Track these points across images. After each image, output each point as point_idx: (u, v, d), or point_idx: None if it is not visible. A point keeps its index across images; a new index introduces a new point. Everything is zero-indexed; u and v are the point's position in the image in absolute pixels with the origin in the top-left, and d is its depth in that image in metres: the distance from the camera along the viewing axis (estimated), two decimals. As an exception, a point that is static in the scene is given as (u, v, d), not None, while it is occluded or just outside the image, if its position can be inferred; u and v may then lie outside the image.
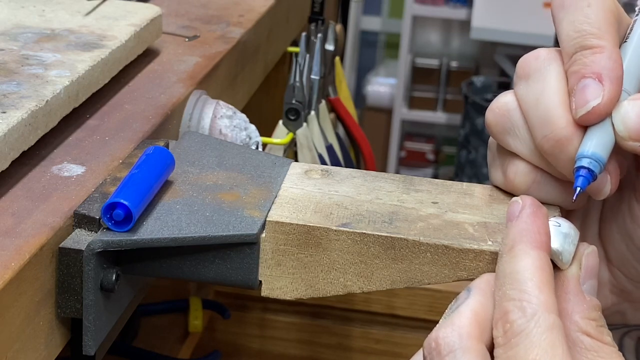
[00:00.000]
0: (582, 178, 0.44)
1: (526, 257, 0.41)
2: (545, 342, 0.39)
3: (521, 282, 0.41)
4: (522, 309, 0.40)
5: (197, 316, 1.03)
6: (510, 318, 0.40)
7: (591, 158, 0.44)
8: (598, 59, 0.44)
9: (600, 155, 0.44)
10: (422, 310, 0.99)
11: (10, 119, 0.50)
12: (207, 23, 0.81)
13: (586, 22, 0.45)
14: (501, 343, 0.40)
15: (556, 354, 0.39)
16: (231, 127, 0.65)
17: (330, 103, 1.06)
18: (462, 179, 2.70)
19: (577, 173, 0.44)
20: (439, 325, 0.41)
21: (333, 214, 0.48)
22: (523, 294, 0.40)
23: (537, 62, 0.47)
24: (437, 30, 3.50)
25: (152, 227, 0.47)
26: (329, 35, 1.02)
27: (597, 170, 0.44)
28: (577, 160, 0.44)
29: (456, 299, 0.43)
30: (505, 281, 0.41)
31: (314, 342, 1.03)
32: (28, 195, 0.49)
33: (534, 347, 0.39)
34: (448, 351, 0.40)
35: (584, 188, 0.44)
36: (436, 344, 0.40)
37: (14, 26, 0.65)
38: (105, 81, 0.62)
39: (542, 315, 0.39)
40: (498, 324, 0.40)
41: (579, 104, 0.44)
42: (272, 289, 0.48)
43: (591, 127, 0.44)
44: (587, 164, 0.44)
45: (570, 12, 0.46)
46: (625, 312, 0.51)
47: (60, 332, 0.48)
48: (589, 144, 0.44)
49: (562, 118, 0.44)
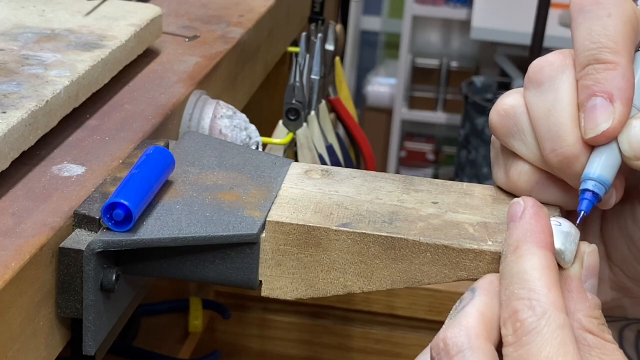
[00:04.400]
0: (586, 202, 0.44)
1: (533, 256, 0.41)
2: (557, 340, 0.39)
3: (530, 282, 0.41)
4: (532, 308, 0.40)
5: (197, 316, 1.03)
6: (521, 317, 0.40)
7: (597, 181, 0.44)
8: (611, 77, 0.44)
9: (605, 178, 0.44)
10: (422, 310, 0.99)
11: (10, 119, 0.50)
12: (207, 23, 0.81)
13: (604, 34, 0.44)
14: (511, 342, 0.40)
15: (568, 351, 0.39)
16: (231, 127, 0.65)
17: (330, 103, 1.06)
18: (462, 179, 2.70)
19: (582, 195, 0.44)
20: (446, 325, 0.41)
21: (333, 214, 0.48)
22: (532, 293, 0.40)
23: (551, 69, 0.46)
24: (437, 30, 3.50)
25: (152, 227, 0.47)
26: (329, 35, 1.02)
27: (602, 192, 0.44)
28: (583, 182, 0.44)
29: (460, 299, 0.43)
30: (512, 281, 0.41)
31: (314, 342, 1.03)
32: (28, 195, 0.49)
33: (546, 344, 0.39)
34: (457, 351, 0.40)
35: (587, 212, 0.44)
36: (444, 344, 0.41)
37: (14, 26, 0.65)
38: (105, 81, 0.62)
39: (552, 313, 0.40)
40: (507, 323, 0.40)
41: (589, 125, 0.44)
42: (272, 289, 0.48)
43: (598, 146, 0.44)
44: (592, 187, 0.44)
45: (589, 19, 0.45)
46: (625, 307, 0.51)
47: (60, 332, 0.48)
48: (595, 165, 0.44)
49: (571, 135, 0.44)
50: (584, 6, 0.46)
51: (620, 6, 0.45)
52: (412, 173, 2.89)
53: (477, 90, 2.83)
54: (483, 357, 0.40)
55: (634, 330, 0.53)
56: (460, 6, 3.19)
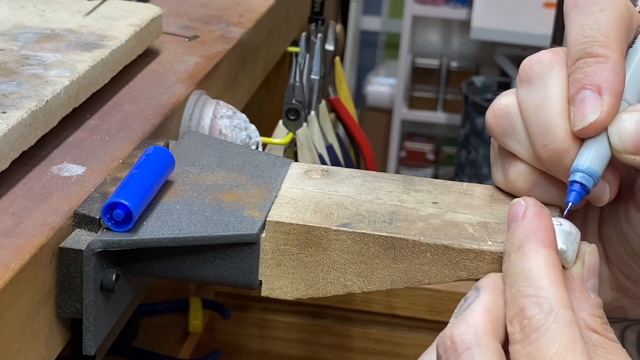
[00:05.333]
0: (574, 193, 0.44)
1: (537, 255, 0.41)
2: (566, 336, 0.39)
3: (535, 279, 0.41)
4: (539, 305, 0.40)
5: (197, 316, 1.03)
6: (528, 314, 0.40)
7: (585, 172, 0.44)
8: (600, 70, 0.44)
9: (594, 170, 0.44)
10: (422, 310, 0.99)
11: (10, 119, 0.50)
12: (207, 23, 0.81)
13: (595, 28, 0.44)
14: (519, 339, 0.40)
15: (576, 347, 0.39)
16: (231, 127, 0.65)
17: (330, 103, 1.06)
18: (462, 179, 2.70)
19: (570, 187, 0.44)
20: (452, 324, 0.41)
21: (333, 214, 0.48)
22: (539, 291, 0.40)
23: (540, 67, 0.46)
24: (437, 30, 3.50)
25: (152, 227, 0.47)
26: (329, 35, 1.02)
27: (591, 184, 0.44)
28: (571, 174, 0.44)
29: (465, 298, 0.43)
30: (517, 279, 0.41)
31: (314, 342, 1.03)
32: (28, 195, 0.49)
33: (555, 341, 0.39)
34: (465, 349, 0.40)
35: (575, 203, 0.44)
36: (452, 342, 0.41)
37: (14, 26, 0.65)
38: (105, 81, 0.62)
39: (560, 310, 0.40)
40: (514, 321, 0.40)
41: (577, 118, 0.44)
42: (272, 289, 0.48)
43: (588, 139, 0.44)
44: (579, 179, 0.44)
45: (582, 14, 0.45)
46: (625, 307, 0.51)
47: (60, 332, 0.48)
48: (584, 158, 0.44)
49: (560, 129, 0.44)
50: (577, 2, 0.46)
51: (614, 2, 0.45)
52: (412, 173, 2.89)
53: (477, 90, 2.83)
54: (491, 355, 0.40)
55: (635, 331, 0.53)
56: (460, 6, 3.19)
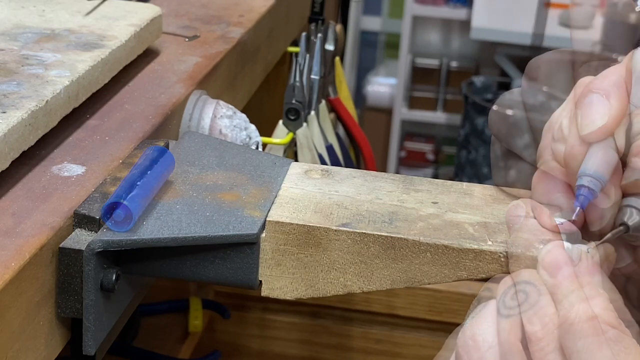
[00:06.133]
0: (582, 197, 0.45)
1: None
2: (590, 330, 0.40)
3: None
4: (559, 302, 0.41)
5: (197, 316, 1.03)
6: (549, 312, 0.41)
7: (592, 177, 0.44)
8: (608, 73, 0.44)
9: (601, 174, 0.44)
10: (422, 310, 0.99)
11: (10, 119, 0.50)
12: (207, 23, 0.81)
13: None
14: (540, 337, 0.41)
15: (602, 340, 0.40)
16: (231, 127, 0.65)
17: (330, 103, 1.06)
18: (462, 179, 2.70)
19: (578, 192, 0.44)
20: (471, 324, 0.42)
21: (333, 214, 0.48)
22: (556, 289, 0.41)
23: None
24: (437, 30, 3.50)
25: (152, 227, 0.47)
26: (329, 35, 1.02)
27: (598, 188, 0.44)
28: (579, 178, 0.44)
29: (478, 299, 0.43)
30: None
31: (314, 342, 1.03)
32: (28, 195, 0.49)
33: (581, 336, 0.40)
34: (487, 347, 0.40)
35: (584, 207, 0.44)
36: (474, 341, 0.41)
37: (14, 26, 0.65)
38: (105, 81, 0.62)
39: (580, 306, 0.40)
40: (533, 319, 0.41)
41: (584, 122, 0.44)
42: (272, 289, 0.48)
43: (595, 143, 0.44)
44: (587, 183, 0.44)
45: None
46: None
47: (60, 332, 0.48)
48: (592, 162, 0.44)
49: (569, 134, 0.45)
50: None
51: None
52: (412, 173, 2.89)
53: (477, 90, 2.83)
54: (514, 352, 0.40)
55: None
56: (460, 6, 3.19)
